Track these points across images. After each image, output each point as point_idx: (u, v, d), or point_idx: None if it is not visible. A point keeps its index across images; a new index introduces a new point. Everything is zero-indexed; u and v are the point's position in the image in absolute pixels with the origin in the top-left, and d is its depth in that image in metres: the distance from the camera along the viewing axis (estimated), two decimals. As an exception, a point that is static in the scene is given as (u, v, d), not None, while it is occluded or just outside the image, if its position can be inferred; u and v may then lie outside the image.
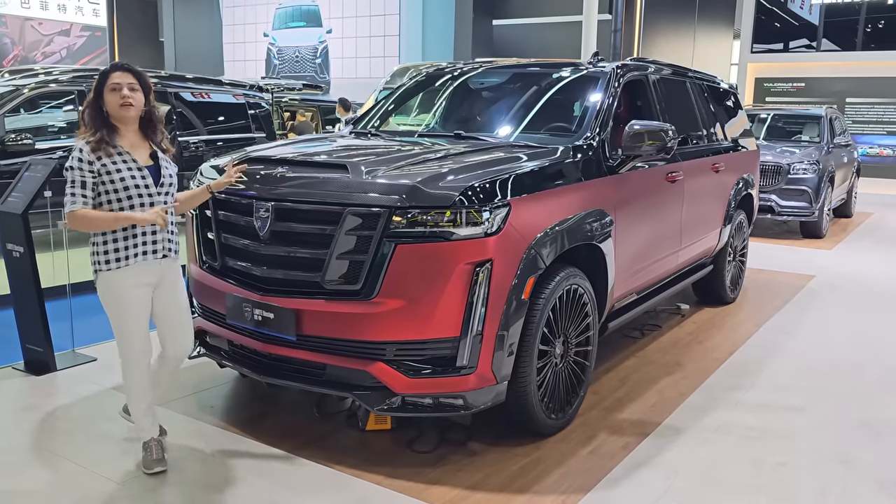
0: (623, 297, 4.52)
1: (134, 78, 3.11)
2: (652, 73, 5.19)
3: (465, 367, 3.25)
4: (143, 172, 3.10)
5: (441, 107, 5.14)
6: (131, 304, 3.10)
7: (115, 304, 3.11)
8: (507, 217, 3.32)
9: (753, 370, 4.82)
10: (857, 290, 7.21)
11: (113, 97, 3.05)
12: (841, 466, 3.55)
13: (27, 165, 4.43)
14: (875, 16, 16.34)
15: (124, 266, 3.07)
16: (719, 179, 5.93)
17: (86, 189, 3.01)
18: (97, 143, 3.02)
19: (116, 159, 3.05)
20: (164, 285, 3.22)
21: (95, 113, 3.08)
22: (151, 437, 3.31)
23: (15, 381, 4.31)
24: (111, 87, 3.06)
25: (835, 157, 10.73)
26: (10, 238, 4.27)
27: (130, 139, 3.14)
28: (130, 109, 3.07)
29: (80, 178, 3.00)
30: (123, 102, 3.05)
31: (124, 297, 3.09)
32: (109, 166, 3.03)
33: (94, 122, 3.06)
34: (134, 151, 3.12)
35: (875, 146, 16.03)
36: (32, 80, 8.08)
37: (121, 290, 3.08)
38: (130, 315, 3.12)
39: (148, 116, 3.18)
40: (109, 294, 3.10)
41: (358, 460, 3.45)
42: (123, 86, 3.06)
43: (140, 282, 3.11)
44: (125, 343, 3.16)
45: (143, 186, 3.08)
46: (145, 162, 3.13)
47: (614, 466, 3.47)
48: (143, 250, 3.10)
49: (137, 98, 3.10)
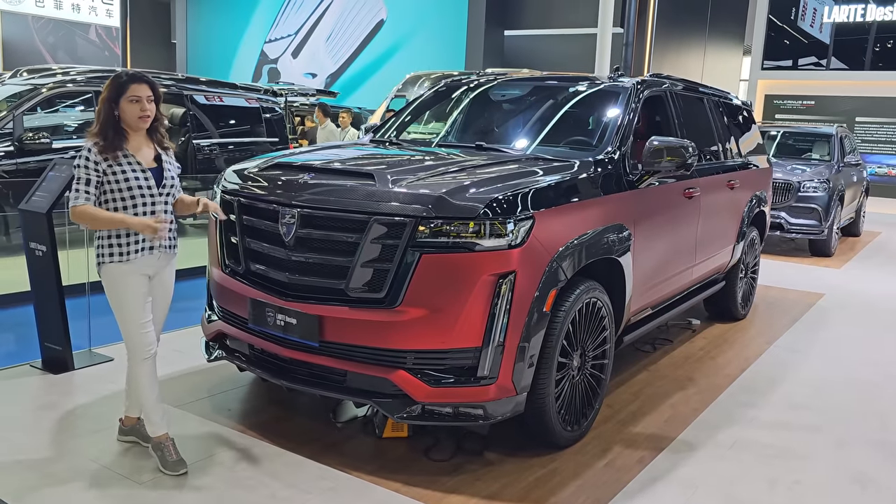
0: (639, 311, 4.54)
1: (150, 90, 3.23)
2: (670, 88, 5.23)
3: (485, 378, 3.28)
4: (147, 174, 3.24)
5: (461, 118, 5.18)
6: (131, 292, 3.24)
7: (118, 295, 3.25)
8: (530, 230, 3.35)
9: (766, 387, 4.84)
10: (867, 309, 7.23)
11: (132, 109, 3.18)
12: (857, 486, 3.57)
13: (52, 165, 4.46)
14: (884, 35, 16.40)
15: (125, 260, 3.21)
16: (734, 196, 5.96)
17: (90, 186, 3.15)
18: (105, 147, 3.16)
19: (122, 161, 3.19)
20: (159, 276, 3.38)
21: (108, 118, 3.18)
22: (165, 433, 3.36)
23: (34, 379, 4.34)
24: (130, 99, 3.18)
25: (844, 175, 10.76)
26: (34, 237, 4.30)
27: (137, 142, 3.27)
28: (147, 122, 3.24)
29: (86, 176, 3.14)
30: (142, 115, 3.20)
31: (127, 286, 3.23)
32: (115, 168, 3.17)
33: (106, 127, 3.18)
34: (139, 154, 3.26)
35: (884, 166, 16.06)
36: (50, 80, 8.15)
37: (123, 280, 3.23)
38: (131, 303, 3.24)
39: (156, 123, 3.32)
40: (111, 284, 3.25)
41: (375, 467, 3.47)
42: (143, 98, 3.19)
43: (138, 271, 3.26)
44: (130, 332, 3.28)
45: (145, 187, 3.22)
46: (149, 164, 3.28)
47: (630, 480, 3.49)
48: (143, 246, 3.25)
49: (152, 109, 3.25)
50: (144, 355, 3.30)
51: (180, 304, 6.23)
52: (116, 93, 3.18)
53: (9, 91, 7.97)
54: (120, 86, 3.18)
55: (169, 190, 3.33)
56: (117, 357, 4.68)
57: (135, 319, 3.26)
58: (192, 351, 4.77)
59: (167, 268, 3.42)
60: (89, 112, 8.19)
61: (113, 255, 3.21)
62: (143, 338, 3.29)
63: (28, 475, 3.26)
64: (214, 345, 4.00)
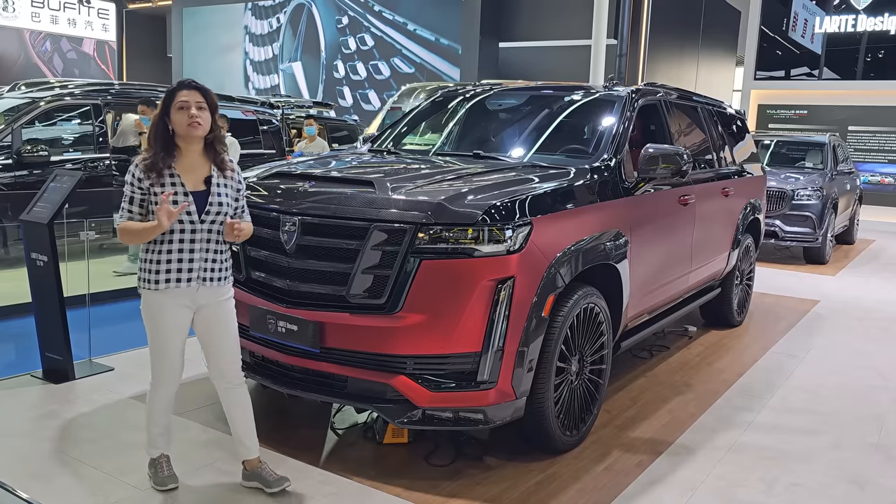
0: (636, 317, 4.58)
1: (201, 96, 3.03)
2: (664, 97, 5.29)
3: (485, 382, 3.31)
4: (189, 199, 3.02)
5: (458, 127, 5.23)
6: (164, 323, 3.09)
7: (149, 321, 3.11)
8: (528, 235, 3.39)
9: (763, 392, 4.88)
10: (861, 316, 7.27)
11: (181, 116, 2.98)
12: (856, 488, 3.60)
13: (53, 176, 4.50)
14: (875, 46, 16.54)
15: (155, 289, 3.05)
16: (729, 203, 6.02)
17: (133, 205, 3.03)
18: (150, 165, 2.99)
19: (166, 182, 3.00)
20: (206, 309, 3.14)
21: (160, 131, 3.02)
22: (161, 453, 3.30)
23: (35, 389, 4.35)
24: (178, 106, 2.99)
25: (838, 184, 10.84)
26: (36, 247, 4.33)
27: (191, 159, 3.07)
28: (198, 129, 3.00)
29: (130, 194, 3.03)
30: (191, 122, 2.98)
31: (158, 315, 3.08)
32: (157, 189, 2.99)
33: (157, 140, 3.02)
34: (187, 174, 3.04)
35: (877, 174, 16.16)
36: (48, 94, 8.19)
37: (156, 308, 3.08)
38: (162, 333, 3.11)
39: (213, 138, 3.09)
40: (146, 311, 3.10)
41: (376, 472, 3.50)
42: (192, 104, 2.99)
43: (177, 303, 3.08)
44: (155, 359, 3.16)
45: (184, 213, 3.01)
46: (195, 187, 3.04)
47: (629, 483, 3.52)
48: (178, 277, 3.04)
49: (205, 117, 3.02)
50: (165, 384, 3.19)
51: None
52: (166, 102, 3.01)
53: (7, 104, 8.02)
54: (169, 94, 3.03)
55: (214, 217, 3.06)
56: (118, 367, 4.70)
57: (162, 350, 3.13)
58: (193, 359, 4.76)
59: (213, 299, 3.13)
60: (86, 125, 8.23)
61: (148, 280, 3.05)
62: (167, 370, 3.17)
63: (30, 483, 3.27)
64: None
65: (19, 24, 23.30)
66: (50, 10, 24.13)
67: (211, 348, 3.21)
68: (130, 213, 3.03)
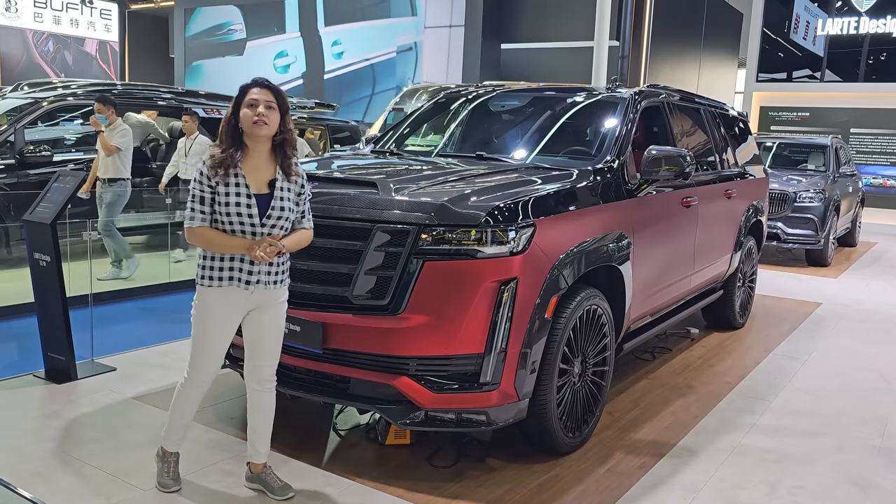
0: (639, 318, 4.58)
1: (272, 96, 2.97)
2: (667, 99, 5.29)
3: (488, 384, 3.30)
4: (251, 202, 2.95)
5: (461, 128, 5.23)
6: (213, 320, 3.04)
7: (199, 316, 3.06)
8: (532, 237, 3.39)
9: (766, 395, 4.87)
10: (864, 318, 7.27)
11: (247, 113, 2.93)
12: (858, 491, 3.60)
13: (56, 176, 4.50)
14: (878, 48, 16.53)
15: (217, 286, 3.00)
16: (731, 205, 6.02)
17: (204, 205, 2.95)
18: (218, 162, 2.93)
19: (230, 182, 2.94)
20: (259, 310, 3.11)
21: (230, 128, 2.98)
22: (174, 451, 3.28)
23: (37, 389, 4.36)
24: (248, 103, 2.94)
25: (840, 186, 10.84)
26: (38, 247, 4.33)
27: (258, 160, 3.01)
28: (263, 128, 2.94)
29: (200, 194, 2.95)
30: (257, 120, 2.92)
31: (210, 311, 3.04)
32: (221, 188, 2.94)
33: (227, 137, 2.97)
34: (252, 175, 2.98)
35: (879, 176, 16.15)
36: (51, 94, 8.21)
37: (209, 304, 3.03)
38: (209, 330, 3.06)
39: (282, 140, 3.03)
40: (199, 305, 3.06)
41: (379, 473, 3.50)
42: (260, 102, 2.93)
43: (230, 302, 3.04)
44: (196, 355, 3.11)
45: (245, 215, 2.95)
46: (259, 189, 2.98)
47: (632, 485, 3.51)
48: (239, 277, 3.00)
49: (272, 117, 2.96)
50: (198, 382, 3.14)
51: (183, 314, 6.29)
52: (237, 99, 2.97)
53: (10, 104, 8.03)
54: (241, 92, 2.98)
55: (275, 222, 3.00)
56: (120, 367, 4.71)
57: (207, 348, 3.08)
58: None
59: (267, 302, 3.09)
60: (89, 125, 8.24)
61: (205, 277, 3.01)
62: (206, 368, 3.12)
63: (32, 483, 3.27)
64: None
65: (22, 25, 23.31)
66: (52, 11, 24.14)
67: (255, 349, 3.18)
68: (203, 215, 2.96)
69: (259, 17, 21.52)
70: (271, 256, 2.95)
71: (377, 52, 19.44)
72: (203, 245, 2.99)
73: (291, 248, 3.10)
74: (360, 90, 19.77)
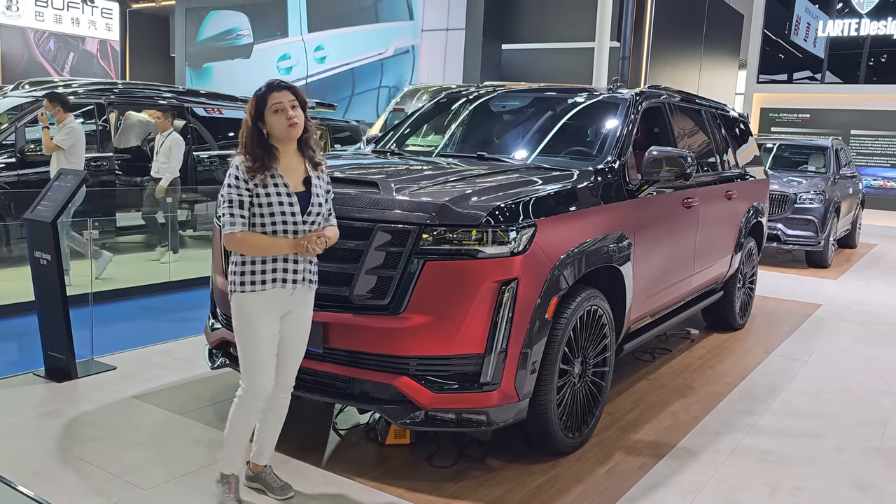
0: (639, 319, 4.58)
1: (293, 95, 2.95)
2: (668, 99, 5.29)
3: (488, 384, 3.30)
4: (292, 199, 2.93)
5: (462, 128, 5.23)
6: (261, 326, 2.95)
7: (246, 326, 2.96)
8: (532, 237, 3.39)
9: (766, 396, 4.87)
10: (864, 320, 7.27)
11: (278, 119, 2.89)
12: (858, 492, 3.60)
13: (57, 174, 4.50)
14: (878, 50, 16.54)
15: (260, 290, 2.92)
16: (732, 206, 6.02)
17: (243, 209, 2.88)
18: (255, 169, 2.88)
19: (269, 182, 2.90)
20: (294, 312, 3.06)
21: (256, 138, 2.91)
22: (234, 472, 3.16)
23: (37, 388, 4.36)
24: (274, 109, 2.89)
25: (840, 187, 10.84)
26: (39, 246, 4.33)
27: (288, 160, 2.98)
28: (297, 128, 2.93)
29: (238, 198, 2.87)
30: (291, 123, 2.90)
31: (256, 318, 2.94)
32: (261, 190, 2.88)
33: (255, 148, 2.90)
34: (288, 175, 2.96)
35: (879, 178, 16.16)
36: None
37: (254, 311, 2.94)
38: (259, 337, 2.96)
39: (306, 136, 3.01)
40: (243, 315, 2.95)
41: (379, 473, 3.50)
42: (287, 106, 2.90)
43: (273, 306, 2.97)
44: (251, 369, 3.00)
45: (289, 214, 2.91)
46: (297, 187, 2.96)
47: (632, 486, 3.51)
48: (283, 277, 2.94)
49: (300, 116, 2.94)
50: (260, 396, 3.03)
51: (183, 313, 6.31)
52: (258, 108, 2.90)
53: (11, 103, 8.04)
54: (260, 99, 2.91)
55: (314, 218, 2.99)
56: (120, 366, 4.71)
57: (260, 357, 2.98)
58: (195, 359, 4.80)
59: (302, 302, 3.07)
60: (90, 124, 8.24)
61: (245, 283, 2.91)
62: (264, 378, 3.01)
63: (32, 481, 3.27)
64: (218, 352, 4.02)
65: (23, 24, 23.33)
66: (53, 10, 24.15)
67: (286, 354, 3.10)
68: (243, 219, 2.88)
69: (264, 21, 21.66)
70: (321, 249, 2.94)
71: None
72: (247, 250, 2.90)
73: (332, 240, 3.06)
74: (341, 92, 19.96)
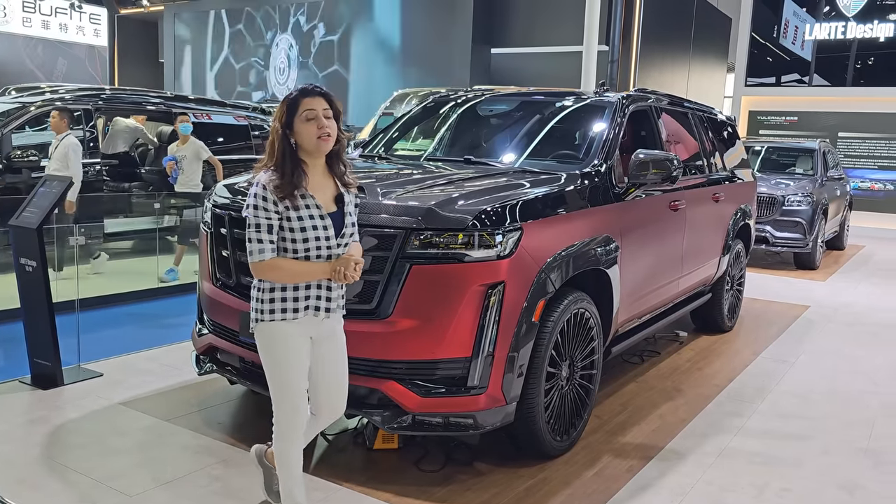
0: (626, 322, 4.59)
1: (327, 103, 2.66)
2: (655, 103, 5.31)
3: (475, 388, 3.30)
4: (326, 222, 2.67)
5: (450, 132, 5.24)
6: (294, 355, 2.73)
7: (277, 357, 2.73)
8: (519, 240, 3.40)
9: (754, 397, 4.89)
10: (852, 321, 7.31)
11: (308, 128, 2.61)
12: (845, 493, 3.61)
13: (43, 180, 4.48)
14: (865, 52, 16.66)
15: (291, 318, 2.69)
16: (719, 209, 6.04)
17: (272, 234, 2.62)
18: (283, 186, 2.59)
19: (300, 204, 2.63)
20: (324, 338, 2.83)
21: (283, 148, 2.62)
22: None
23: (23, 395, 4.33)
24: (305, 116, 2.61)
25: (828, 189, 10.91)
26: (24, 252, 4.31)
27: (317, 178, 2.70)
28: (328, 141, 2.64)
29: (267, 222, 2.60)
30: (321, 134, 2.62)
31: (287, 348, 2.72)
32: (292, 212, 2.62)
33: (284, 160, 2.61)
34: (318, 194, 2.68)
35: (866, 180, 16.26)
36: (39, 98, 8.17)
37: (284, 340, 2.71)
38: (292, 368, 2.74)
39: (337, 149, 2.73)
40: (272, 345, 2.72)
41: (367, 478, 3.49)
42: (319, 114, 2.62)
43: (302, 332, 2.74)
44: (282, 401, 2.78)
45: (323, 238, 2.66)
46: (329, 207, 2.70)
47: (620, 489, 3.52)
48: (316, 305, 2.72)
49: (333, 127, 2.66)
50: (297, 428, 2.82)
51: (169, 319, 6.28)
52: (288, 113, 2.62)
53: (-3, 109, 7.98)
54: (291, 104, 2.63)
55: (347, 240, 2.74)
56: (107, 372, 4.68)
57: (293, 390, 2.75)
58: (182, 365, 4.78)
59: (333, 327, 2.84)
60: (77, 130, 8.21)
61: (275, 311, 2.67)
62: (297, 413, 2.79)
63: (17, 489, 3.25)
64: (205, 358, 4.01)
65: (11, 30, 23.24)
66: (41, 16, 24.07)
67: (329, 383, 2.90)
68: (272, 245, 2.62)
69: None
70: (358, 276, 2.69)
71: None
72: (279, 277, 2.66)
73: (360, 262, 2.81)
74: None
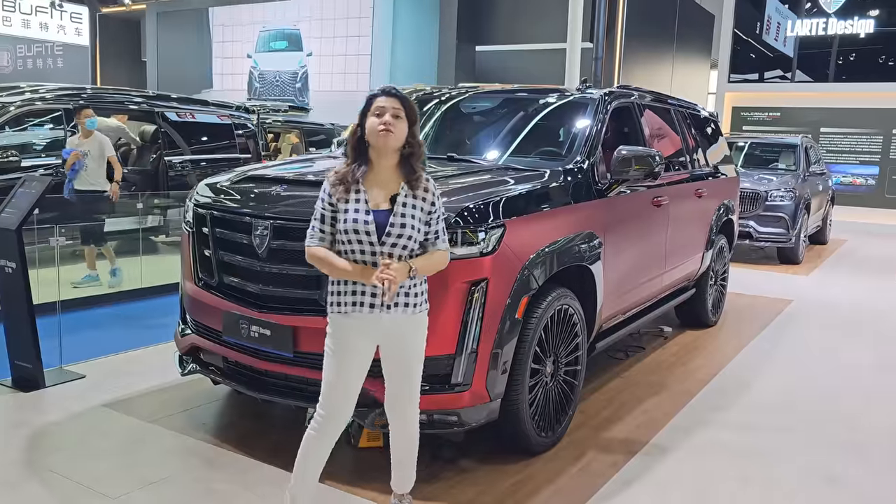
0: (610, 318, 4.60)
1: (400, 104, 2.73)
2: (637, 99, 5.32)
3: (459, 385, 3.30)
4: (369, 218, 2.68)
5: (433, 130, 5.23)
6: (345, 349, 2.77)
7: (332, 346, 2.79)
8: (501, 237, 3.40)
9: (738, 391, 4.92)
10: (834, 315, 7.37)
11: (372, 122, 2.70)
12: (828, 486, 3.64)
13: (21, 181, 4.44)
14: (847, 48, 16.79)
15: (343, 312, 2.74)
16: (702, 205, 6.07)
17: (324, 223, 2.75)
18: (340, 178, 2.73)
19: (350, 198, 2.71)
20: (391, 340, 2.82)
21: (356, 141, 2.76)
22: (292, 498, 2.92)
23: (3, 398, 4.28)
24: (375, 111, 2.71)
25: (810, 185, 10.99)
26: (3, 254, 4.26)
27: (384, 175, 2.75)
28: (389, 137, 2.68)
29: (321, 211, 2.76)
30: (382, 129, 2.68)
31: (341, 340, 2.77)
32: (342, 205, 2.71)
33: (353, 151, 2.77)
34: (374, 190, 2.73)
35: (848, 175, 16.40)
36: (19, 98, 8.08)
37: (340, 332, 2.77)
38: (340, 359, 2.77)
39: (409, 153, 2.77)
40: (331, 335, 2.80)
41: (351, 477, 3.48)
42: (388, 111, 2.70)
43: (361, 329, 2.76)
44: (329, 392, 2.81)
45: (363, 233, 2.67)
46: (378, 205, 2.71)
47: (604, 484, 3.53)
48: (360, 301, 2.72)
49: (399, 127, 2.71)
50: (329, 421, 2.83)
51: (152, 320, 6.23)
52: (364, 108, 2.75)
53: (-24, 109, 7.88)
54: (367, 100, 2.76)
55: (395, 241, 2.69)
56: (89, 375, 4.64)
57: (336, 384, 2.78)
58: (165, 366, 4.73)
59: (401, 329, 2.80)
60: (58, 130, 8.14)
61: (333, 304, 2.76)
62: (334, 397, 2.80)
63: (2, 496, 3.23)
64: (188, 359, 3.98)
65: (-7, 29, 23.04)
66: (21, 14, 23.84)
67: (397, 383, 2.92)
68: (322, 234, 2.76)
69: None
70: (396, 287, 2.63)
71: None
72: (320, 267, 2.79)
73: (424, 271, 2.78)
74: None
